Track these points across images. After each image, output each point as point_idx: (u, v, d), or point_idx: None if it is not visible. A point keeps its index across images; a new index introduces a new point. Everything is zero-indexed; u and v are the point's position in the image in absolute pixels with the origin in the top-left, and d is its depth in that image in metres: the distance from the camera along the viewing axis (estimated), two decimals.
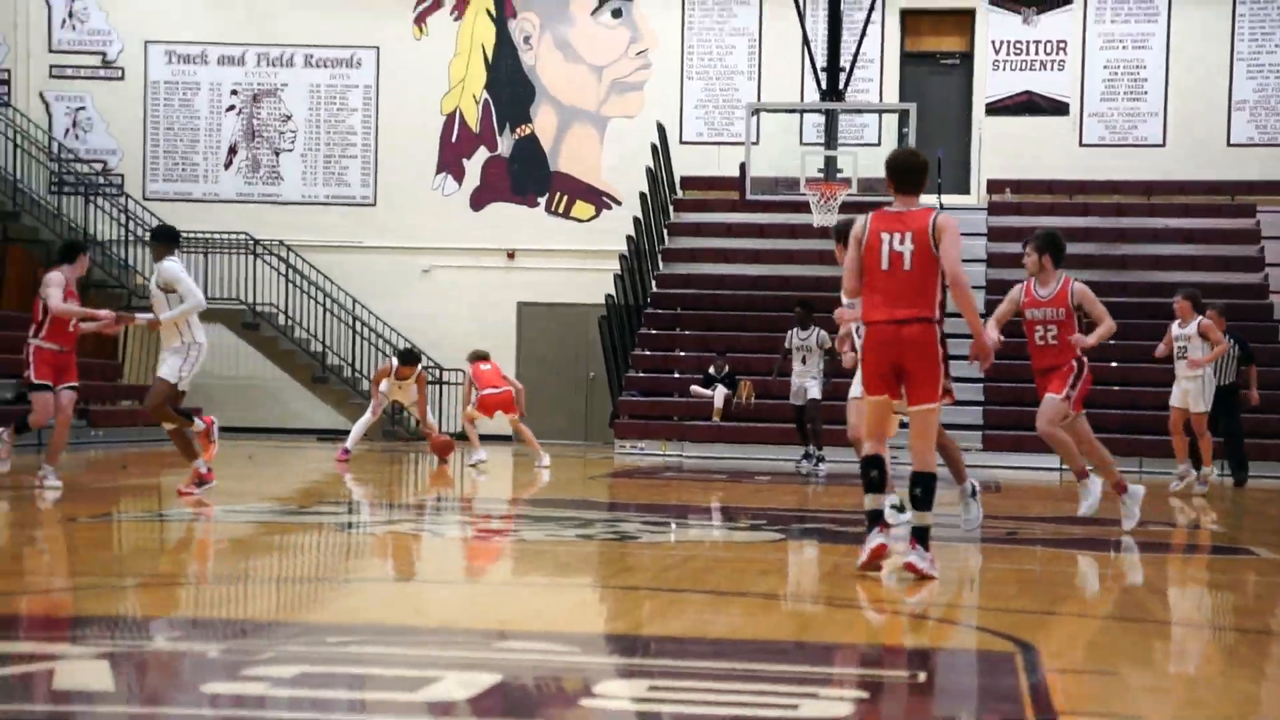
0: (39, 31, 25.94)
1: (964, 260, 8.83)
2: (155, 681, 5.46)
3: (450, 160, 25.62)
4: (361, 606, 7.77)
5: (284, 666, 5.52)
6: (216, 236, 23.82)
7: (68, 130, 25.52)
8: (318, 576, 8.99)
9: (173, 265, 11.76)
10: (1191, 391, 14.77)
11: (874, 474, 7.46)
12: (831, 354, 18.39)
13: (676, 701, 5.22)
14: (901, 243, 7.50)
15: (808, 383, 19.01)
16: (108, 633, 6.49)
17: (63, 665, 5.39)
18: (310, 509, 13.01)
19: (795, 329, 19.09)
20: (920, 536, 7.41)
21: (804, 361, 19.03)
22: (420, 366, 18.57)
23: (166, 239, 12.37)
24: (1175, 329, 14.59)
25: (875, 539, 7.42)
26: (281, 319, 24.12)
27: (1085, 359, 10.31)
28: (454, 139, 25.88)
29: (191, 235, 23.23)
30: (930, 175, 11.50)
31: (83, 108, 25.58)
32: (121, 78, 26.00)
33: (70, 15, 25.97)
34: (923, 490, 7.40)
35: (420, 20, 26.03)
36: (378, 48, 25.91)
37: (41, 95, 25.52)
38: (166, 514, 12.15)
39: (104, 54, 25.83)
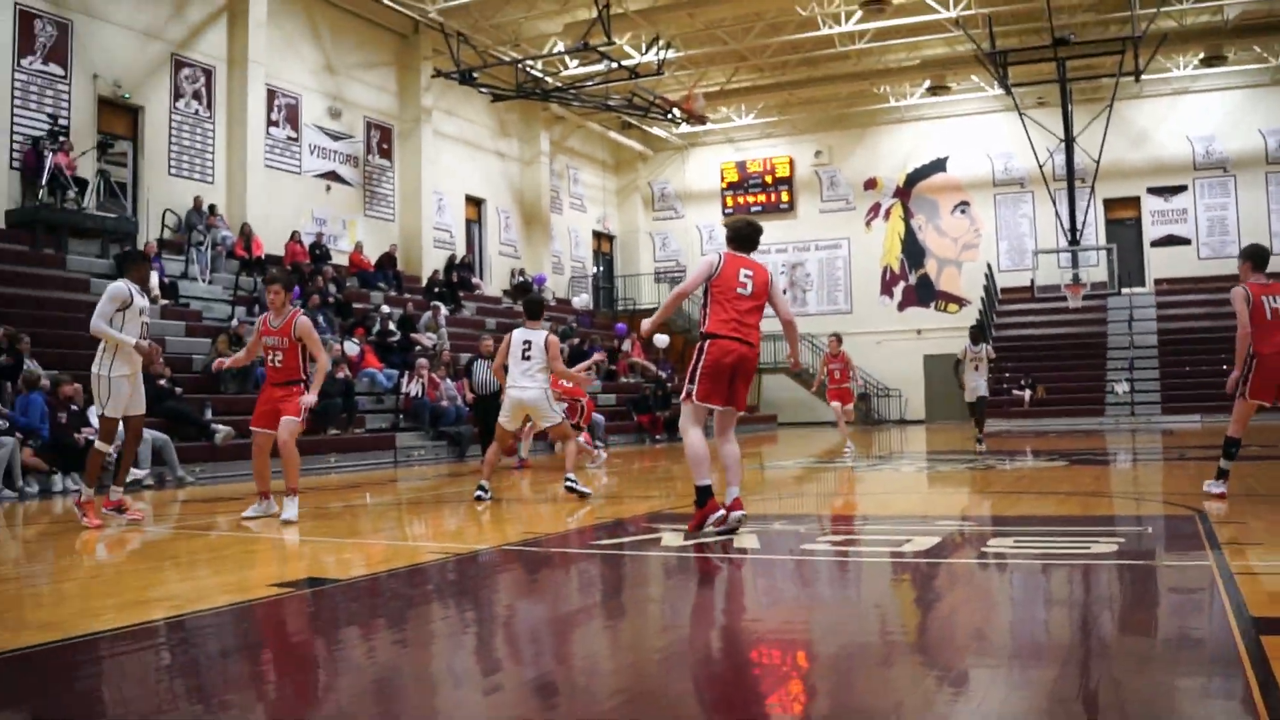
0: (696, 247, 40.42)
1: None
2: (775, 544, 7.27)
3: (886, 288, 38.40)
4: (865, 504, 10.15)
5: (833, 536, 7.48)
6: (774, 331, 34.97)
7: None
8: (842, 493, 11.33)
9: None
10: None
11: None
12: (995, 364, 18.42)
13: (1029, 545, 6.79)
14: None
15: (979, 384, 17.96)
16: (755, 521, 8.06)
17: (739, 537, 7.27)
18: (829, 462, 16.34)
19: (969, 344, 18.11)
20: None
21: (976, 369, 17.93)
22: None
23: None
24: None
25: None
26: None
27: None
28: (887, 278, 38.63)
29: (763, 332, 36.10)
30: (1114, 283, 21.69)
31: None
32: None
33: (710, 238, 40.13)
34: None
35: (868, 223, 38.96)
36: (849, 238, 39.19)
37: None
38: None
39: None
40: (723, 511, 7.65)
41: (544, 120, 36.16)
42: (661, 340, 13.33)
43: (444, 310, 26.12)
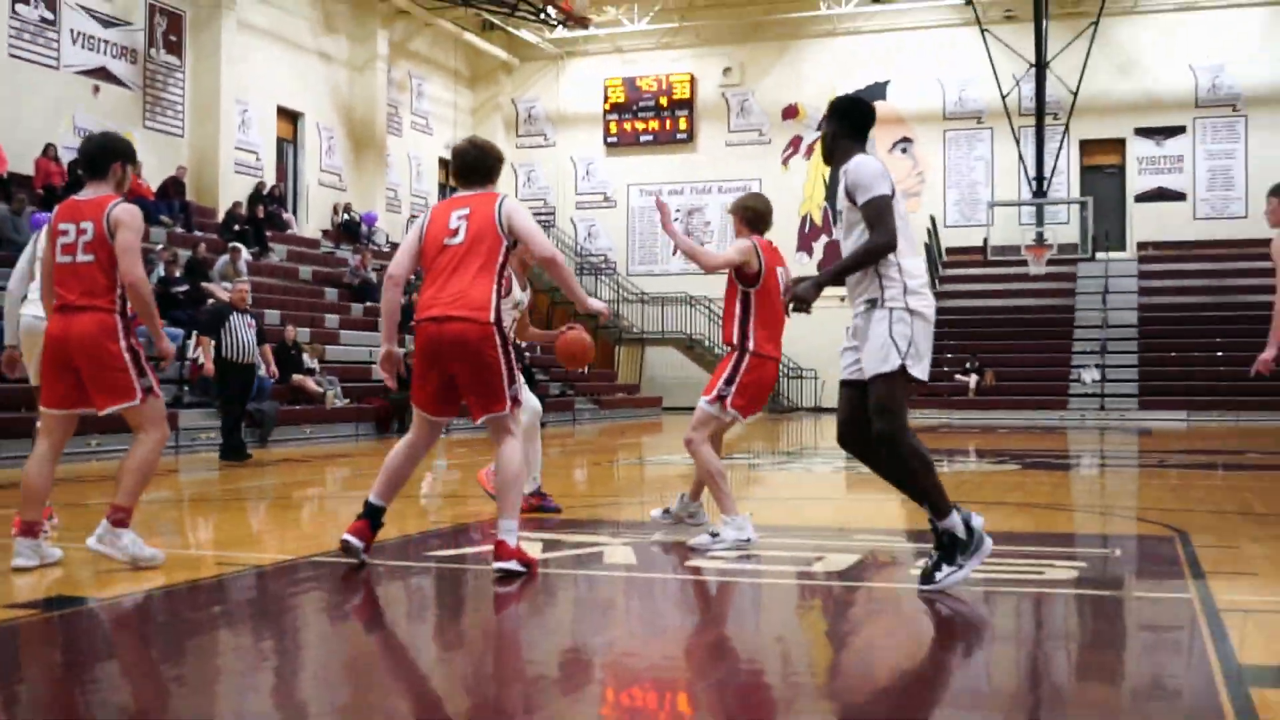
0: (569, 183, 41.19)
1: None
2: (655, 561, 7.47)
3: (805, 243, 39.10)
4: (772, 512, 9.97)
5: (728, 550, 7.49)
6: (666, 295, 38.14)
7: (585, 238, 41.00)
8: (742, 495, 12.29)
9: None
10: None
11: None
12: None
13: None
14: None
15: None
16: (632, 530, 8.59)
17: (607, 548, 7.78)
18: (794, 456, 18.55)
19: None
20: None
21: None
22: None
23: None
24: None
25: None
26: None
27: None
28: (807, 230, 39.29)
29: (652, 295, 37.84)
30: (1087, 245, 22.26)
31: (593, 225, 41.03)
32: (614, 206, 40.81)
33: (587, 173, 41.08)
34: None
35: (785, 160, 39.56)
36: (760, 179, 39.29)
37: (571, 219, 41.14)
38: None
39: (605, 193, 41.07)
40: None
41: (382, 15, 35.94)
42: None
43: (246, 254, 26.06)
